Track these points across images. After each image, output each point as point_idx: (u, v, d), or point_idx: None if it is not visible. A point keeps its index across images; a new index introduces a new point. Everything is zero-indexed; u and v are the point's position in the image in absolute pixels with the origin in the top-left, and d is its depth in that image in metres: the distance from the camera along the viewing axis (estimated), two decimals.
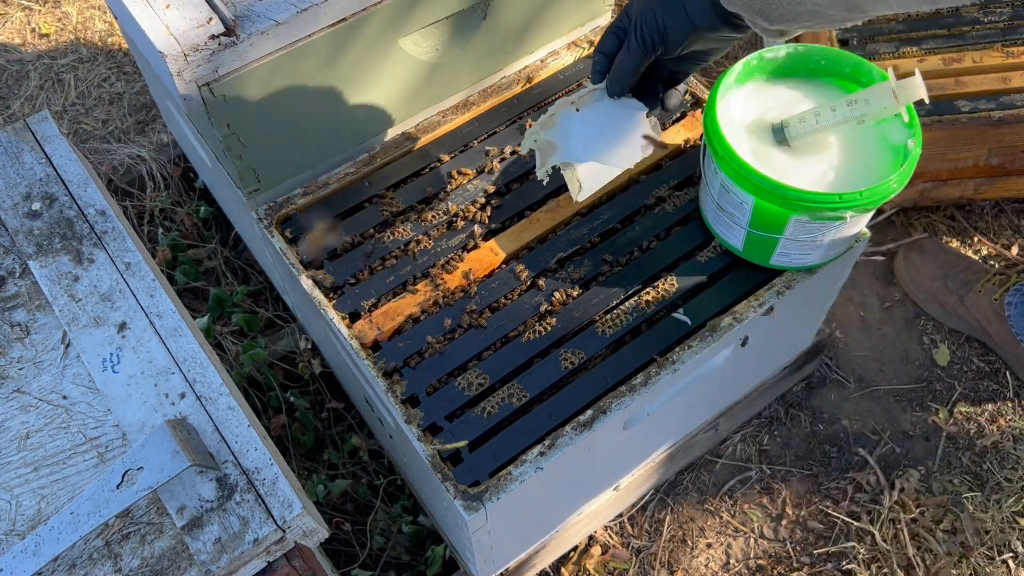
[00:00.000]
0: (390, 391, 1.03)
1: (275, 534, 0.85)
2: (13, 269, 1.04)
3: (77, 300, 0.99)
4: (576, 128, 0.98)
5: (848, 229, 1.02)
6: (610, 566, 1.41)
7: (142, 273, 1.02)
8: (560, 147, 0.97)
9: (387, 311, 1.09)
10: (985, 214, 1.75)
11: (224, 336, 1.54)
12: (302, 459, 1.47)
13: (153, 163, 1.75)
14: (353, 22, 1.04)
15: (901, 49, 1.58)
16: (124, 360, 0.95)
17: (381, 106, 1.19)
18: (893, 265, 1.69)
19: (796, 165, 1.01)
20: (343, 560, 1.39)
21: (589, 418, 1.00)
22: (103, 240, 1.04)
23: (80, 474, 0.90)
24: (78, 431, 0.92)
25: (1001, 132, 1.50)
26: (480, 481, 0.97)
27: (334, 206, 1.19)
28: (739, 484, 1.49)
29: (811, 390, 1.58)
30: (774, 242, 1.04)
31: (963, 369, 1.60)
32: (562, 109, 0.99)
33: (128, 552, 0.86)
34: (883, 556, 1.41)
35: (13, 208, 1.07)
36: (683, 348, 1.05)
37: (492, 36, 1.22)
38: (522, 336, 1.08)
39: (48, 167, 1.10)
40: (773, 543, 1.44)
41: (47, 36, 2.08)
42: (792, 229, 1.00)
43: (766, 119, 1.04)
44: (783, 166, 1.01)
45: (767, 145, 1.03)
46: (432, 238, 1.16)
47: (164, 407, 0.92)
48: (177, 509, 0.86)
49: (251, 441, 0.90)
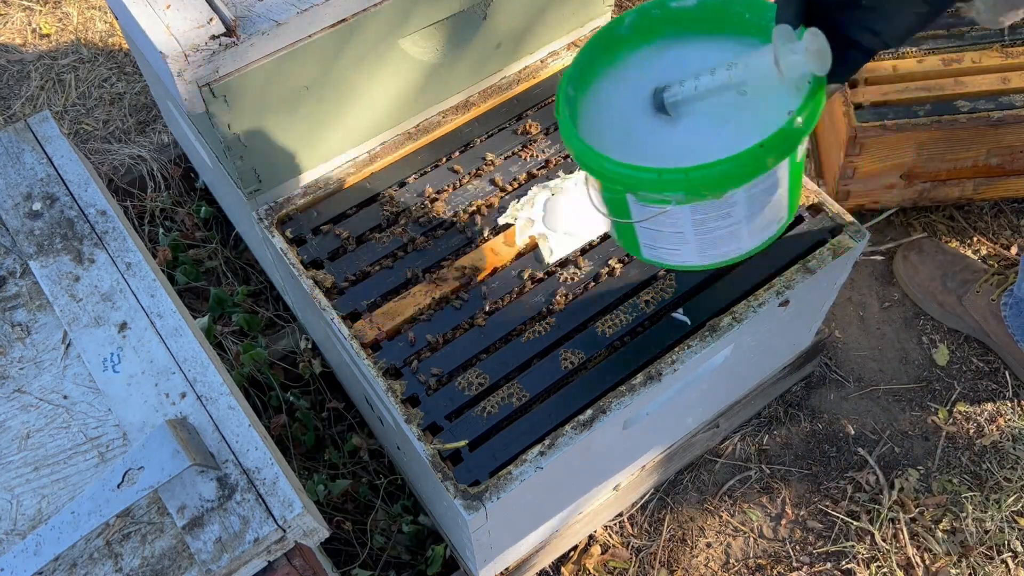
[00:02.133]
0: (390, 391, 1.03)
1: (275, 533, 0.86)
2: (14, 269, 1.04)
3: (78, 300, 1.00)
4: (551, 207, 1.16)
5: (726, 227, 0.83)
6: (610, 566, 1.42)
7: (143, 273, 1.02)
8: (536, 221, 1.16)
9: (387, 311, 1.10)
10: (984, 214, 1.75)
11: (224, 336, 1.54)
12: (302, 459, 1.47)
13: (154, 163, 1.75)
14: (353, 23, 1.04)
15: (901, 49, 1.58)
16: (125, 360, 0.95)
17: (381, 106, 1.19)
18: (892, 265, 1.69)
19: (688, 143, 0.84)
20: (343, 559, 1.39)
21: (589, 418, 1.00)
22: (104, 240, 1.04)
23: (81, 474, 0.90)
24: (79, 431, 0.92)
25: (1000, 132, 1.50)
26: (480, 481, 0.97)
27: (334, 206, 1.19)
28: (739, 484, 1.50)
29: (811, 390, 1.58)
30: (630, 229, 0.88)
31: (962, 369, 1.60)
32: (540, 193, 1.18)
33: (128, 552, 0.86)
34: (882, 556, 1.41)
35: (14, 208, 1.07)
36: (683, 348, 1.05)
37: (492, 36, 1.23)
38: (522, 336, 1.08)
39: (49, 167, 1.10)
40: (772, 542, 1.44)
41: (48, 36, 2.08)
42: (636, 212, 0.83)
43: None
44: (677, 143, 0.84)
45: (660, 120, 0.86)
46: (432, 238, 1.16)
47: (164, 407, 0.92)
48: (178, 509, 0.86)
49: (251, 441, 0.90)
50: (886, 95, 1.54)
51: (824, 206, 1.17)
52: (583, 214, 1.17)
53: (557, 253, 1.14)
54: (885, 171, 1.58)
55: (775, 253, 1.14)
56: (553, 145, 1.24)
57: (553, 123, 1.27)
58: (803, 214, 1.17)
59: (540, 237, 1.15)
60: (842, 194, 1.63)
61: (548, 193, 1.19)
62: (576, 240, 1.15)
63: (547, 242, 1.15)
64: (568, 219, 1.17)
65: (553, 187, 1.19)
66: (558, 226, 1.16)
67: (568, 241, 1.15)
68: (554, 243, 1.15)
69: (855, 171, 1.57)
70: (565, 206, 1.18)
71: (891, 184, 1.62)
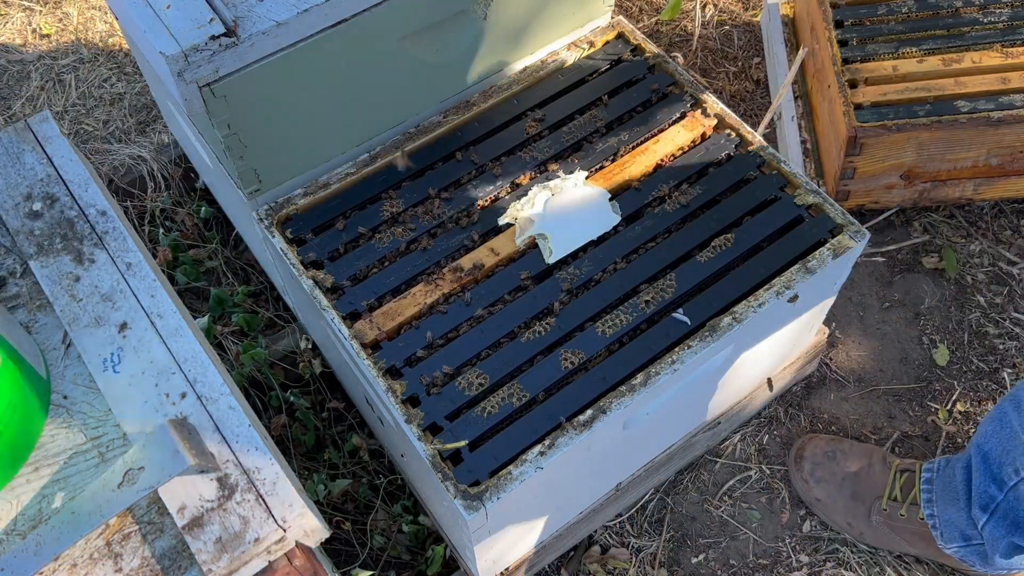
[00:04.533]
0: (390, 391, 1.03)
1: (275, 533, 0.86)
2: (14, 269, 1.04)
3: (78, 300, 1.00)
4: (550, 208, 1.18)
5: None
6: (610, 566, 1.42)
7: (143, 273, 1.02)
8: (536, 222, 1.17)
9: (387, 311, 1.10)
10: (984, 214, 1.75)
11: (225, 336, 1.54)
12: (302, 459, 1.47)
13: (154, 163, 1.76)
14: (353, 22, 1.04)
15: (901, 49, 1.59)
16: (125, 360, 0.95)
17: (381, 106, 1.19)
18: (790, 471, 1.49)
19: None
20: (343, 559, 1.39)
21: (589, 418, 1.00)
22: (104, 240, 1.04)
23: (81, 474, 0.90)
24: (79, 431, 0.92)
25: (1000, 132, 1.50)
26: (480, 481, 0.97)
27: (334, 206, 1.19)
28: (739, 484, 1.50)
29: (811, 390, 1.58)
30: None
31: (962, 369, 1.60)
32: (540, 193, 1.19)
33: (129, 551, 0.86)
34: (882, 556, 1.41)
35: (14, 208, 1.07)
36: (683, 348, 1.05)
37: (492, 36, 1.23)
38: (522, 336, 1.08)
39: (49, 167, 1.10)
40: (772, 542, 1.44)
41: (48, 37, 2.08)
42: None
43: None
44: None
45: None
46: (432, 238, 1.16)
47: (165, 407, 0.92)
48: (178, 509, 0.86)
49: (251, 441, 0.90)
50: (886, 95, 1.54)
51: (824, 206, 1.17)
52: (583, 214, 1.17)
53: (557, 253, 1.14)
54: (885, 171, 1.58)
55: (775, 253, 1.14)
56: (553, 145, 1.24)
57: (553, 123, 1.27)
58: (803, 214, 1.17)
59: (540, 237, 1.15)
60: (842, 194, 1.63)
61: (548, 193, 1.19)
62: (576, 240, 1.15)
63: (547, 242, 1.15)
64: (568, 219, 1.17)
65: (553, 187, 1.20)
66: (558, 226, 1.16)
67: (568, 241, 1.15)
68: (554, 243, 1.15)
69: (855, 171, 1.57)
70: (565, 206, 1.18)
71: (891, 184, 1.62)
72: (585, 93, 1.30)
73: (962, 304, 1.66)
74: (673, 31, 2.08)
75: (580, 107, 1.28)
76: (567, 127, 1.26)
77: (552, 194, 1.19)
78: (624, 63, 1.34)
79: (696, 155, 1.23)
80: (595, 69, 1.33)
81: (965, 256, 1.71)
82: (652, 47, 1.33)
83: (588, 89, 1.31)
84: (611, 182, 1.20)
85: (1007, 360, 1.60)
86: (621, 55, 1.34)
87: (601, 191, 1.20)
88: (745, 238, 1.15)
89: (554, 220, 1.17)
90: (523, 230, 1.16)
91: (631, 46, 1.35)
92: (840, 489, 1.41)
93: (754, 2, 2.13)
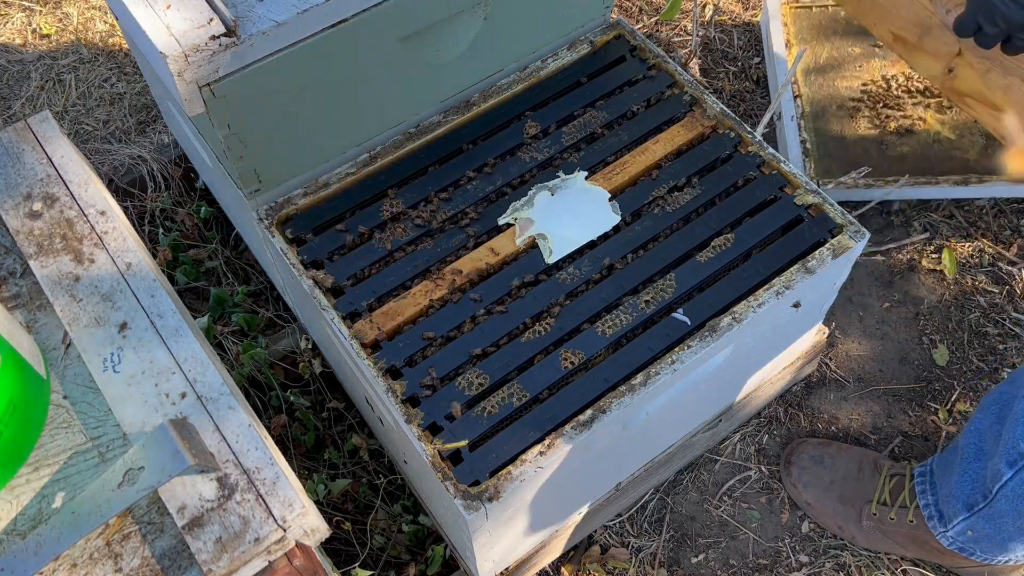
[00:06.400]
0: (390, 391, 1.03)
1: (276, 533, 0.86)
2: (14, 269, 1.04)
3: (78, 300, 1.00)
4: (550, 207, 1.18)
5: None
6: (610, 566, 1.42)
7: (143, 273, 1.02)
8: (536, 222, 1.17)
9: (387, 311, 1.10)
10: (984, 214, 1.75)
11: (225, 336, 1.54)
12: (302, 459, 1.47)
13: (154, 163, 1.75)
14: (353, 22, 1.04)
15: None
16: (125, 360, 0.95)
17: (381, 106, 1.19)
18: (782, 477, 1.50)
19: None
20: (343, 559, 1.39)
21: (589, 418, 1.00)
22: (104, 240, 1.04)
23: (81, 474, 0.90)
24: (79, 431, 0.92)
25: None
26: (480, 481, 0.97)
27: (334, 206, 1.19)
28: (739, 484, 1.50)
29: (810, 390, 1.58)
30: None
31: (962, 369, 1.60)
32: (539, 192, 1.20)
33: (129, 551, 0.86)
34: (881, 556, 1.41)
35: (14, 208, 1.07)
36: (683, 348, 1.05)
37: (492, 36, 1.23)
38: (522, 336, 1.08)
39: (49, 167, 1.10)
40: (772, 542, 1.44)
41: (48, 37, 2.08)
42: None
43: None
44: None
45: None
46: (432, 238, 1.16)
47: (165, 407, 0.92)
48: (178, 508, 0.86)
49: (251, 440, 0.90)
50: None
51: (824, 206, 1.17)
52: (583, 214, 1.17)
53: (557, 253, 1.14)
54: None
55: (775, 253, 1.14)
56: (553, 145, 1.24)
57: (553, 123, 1.27)
58: (803, 214, 1.17)
59: (540, 237, 1.16)
60: None
61: (548, 193, 1.19)
62: (576, 240, 1.16)
63: (547, 242, 1.15)
64: (568, 219, 1.17)
65: (553, 187, 1.20)
66: (558, 226, 1.16)
67: (568, 241, 1.15)
68: (554, 243, 1.15)
69: None
70: (565, 206, 1.18)
71: None
72: (585, 93, 1.30)
73: (962, 304, 1.66)
74: (673, 31, 2.09)
75: (580, 107, 1.29)
76: (567, 127, 1.26)
77: (552, 194, 1.19)
78: (624, 63, 1.34)
79: (696, 155, 1.23)
80: (595, 69, 1.33)
81: (965, 256, 1.71)
82: (652, 47, 1.33)
83: (588, 89, 1.31)
84: (611, 182, 1.20)
85: (1007, 360, 1.60)
86: (621, 55, 1.34)
87: (601, 191, 1.20)
88: (745, 238, 1.15)
89: (554, 220, 1.17)
90: (523, 230, 1.16)
91: (631, 46, 1.35)
92: (827, 493, 1.41)
93: (754, 2, 2.13)
